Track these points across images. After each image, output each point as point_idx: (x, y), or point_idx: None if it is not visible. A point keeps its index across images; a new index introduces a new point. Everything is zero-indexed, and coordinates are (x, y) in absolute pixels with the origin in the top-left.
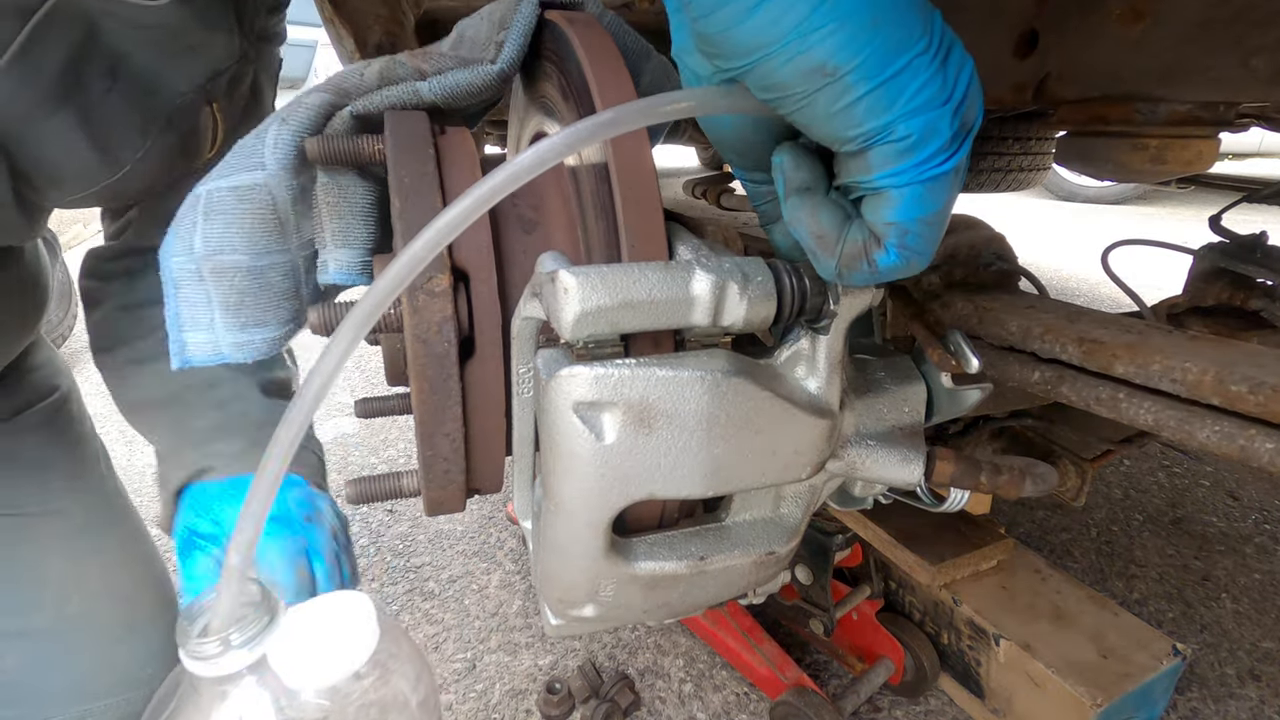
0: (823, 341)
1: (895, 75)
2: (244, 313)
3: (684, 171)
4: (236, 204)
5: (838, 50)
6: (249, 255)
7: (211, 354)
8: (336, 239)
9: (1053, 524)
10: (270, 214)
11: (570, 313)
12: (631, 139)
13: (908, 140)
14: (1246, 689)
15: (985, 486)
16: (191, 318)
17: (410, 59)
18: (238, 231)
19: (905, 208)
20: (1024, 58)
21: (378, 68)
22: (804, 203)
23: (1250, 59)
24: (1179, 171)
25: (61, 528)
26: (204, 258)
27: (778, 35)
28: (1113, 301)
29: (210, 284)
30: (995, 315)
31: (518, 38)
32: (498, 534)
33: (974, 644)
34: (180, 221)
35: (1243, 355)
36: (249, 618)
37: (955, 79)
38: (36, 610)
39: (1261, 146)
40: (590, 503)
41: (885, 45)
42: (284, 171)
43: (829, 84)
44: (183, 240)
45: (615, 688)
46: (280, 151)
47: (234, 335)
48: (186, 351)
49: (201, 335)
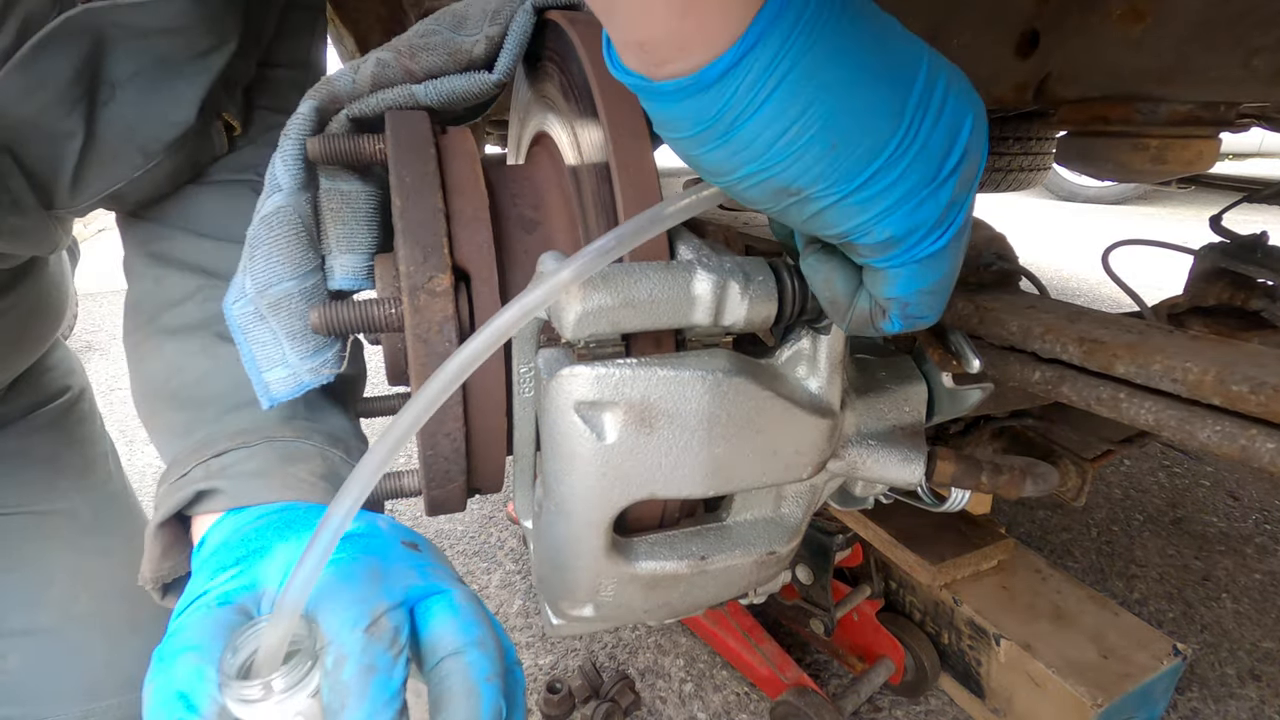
0: (824, 341)
1: (863, 185)
2: (309, 338)
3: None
4: (269, 233)
5: (798, 177)
6: (296, 280)
7: (295, 386)
8: (341, 245)
9: (1053, 524)
10: (301, 232)
11: (572, 312)
12: (632, 139)
13: (887, 237)
14: (1246, 689)
15: (986, 486)
16: (266, 357)
17: (398, 60)
18: (280, 260)
19: (902, 285)
20: (1025, 57)
21: (369, 71)
22: (819, 265)
23: (1251, 59)
24: (1179, 171)
25: (69, 527)
26: (258, 295)
27: (738, 165)
28: (1113, 301)
29: (271, 320)
30: (996, 315)
31: (514, 47)
32: (498, 534)
33: (974, 644)
34: (236, 275)
35: (1243, 355)
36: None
37: (948, 147)
38: (42, 609)
39: (1261, 146)
40: (591, 502)
41: (848, 162)
42: (299, 187)
43: (795, 201)
44: (235, 286)
45: (616, 687)
46: (291, 168)
47: (308, 361)
48: (271, 391)
49: (280, 372)
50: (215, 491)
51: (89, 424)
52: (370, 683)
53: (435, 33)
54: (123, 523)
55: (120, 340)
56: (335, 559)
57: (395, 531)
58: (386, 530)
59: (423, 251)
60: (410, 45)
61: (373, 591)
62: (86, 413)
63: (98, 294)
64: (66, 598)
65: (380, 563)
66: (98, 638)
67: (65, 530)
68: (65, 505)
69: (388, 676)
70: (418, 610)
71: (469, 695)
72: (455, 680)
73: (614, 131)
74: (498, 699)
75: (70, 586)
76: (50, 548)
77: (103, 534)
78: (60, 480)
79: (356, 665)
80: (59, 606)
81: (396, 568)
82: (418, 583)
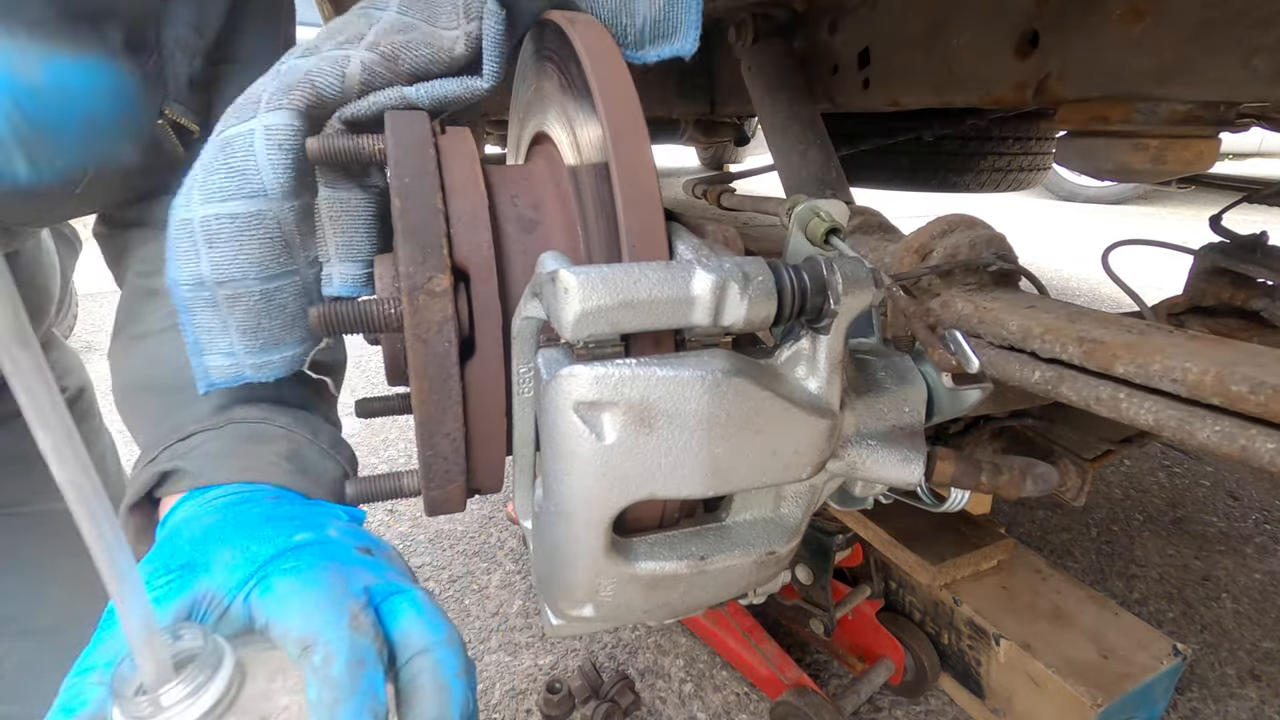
0: (823, 341)
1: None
2: (261, 335)
3: (684, 171)
4: (239, 233)
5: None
6: (259, 280)
7: (234, 376)
8: (340, 253)
9: (1053, 524)
10: (277, 238)
11: (571, 312)
12: (632, 139)
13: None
14: (1246, 689)
15: (986, 486)
16: (210, 342)
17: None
18: (246, 259)
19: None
20: (1025, 57)
21: (357, 73)
22: None
23: (1251, 58)
24: (1179, 171)
25: (67, 526)
26: (216, 284)
27: None
28: (1113, 301)
29: (224, 309)
30: (995, 315)
31: (494, 53)
32: (498, 534)
33: (974, 644)
34: (177, 248)
35: (1243, 355)
36: (192, 669)
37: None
38: (41, 609)
39: (1261, 146)
40: (590, 503)
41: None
42: (286, 195)
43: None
44: (188, 267)
45: (615, 688)
46: (281, 176)
47: (254, 357)
48: (210, 375)
49: (222, 359)
50: (179, 471)
51: (87, 423)
52: (360, 677)
53: (413, 27)
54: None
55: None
56: (294, 566)
57: (348, 537)
58: (337, 537)
59: (422, 251)
60: (392, 45)
61: (343, 591)
62: (85, 411)
63: (98, 294)
64: (66, 598)
65: (339, 565)
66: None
67: (63, 530)
68: (63, 505)
69: (374, 671)
70: (382, 610)
71: (440, 691)
72: (426, 677)
73: (614, 131)
74: (467, 694)
75: (70, 587)
76: (49, 548)
77: None
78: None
79: (345, 661)
80: (59, 607)
81: (355, 570)
82: (377, 582)
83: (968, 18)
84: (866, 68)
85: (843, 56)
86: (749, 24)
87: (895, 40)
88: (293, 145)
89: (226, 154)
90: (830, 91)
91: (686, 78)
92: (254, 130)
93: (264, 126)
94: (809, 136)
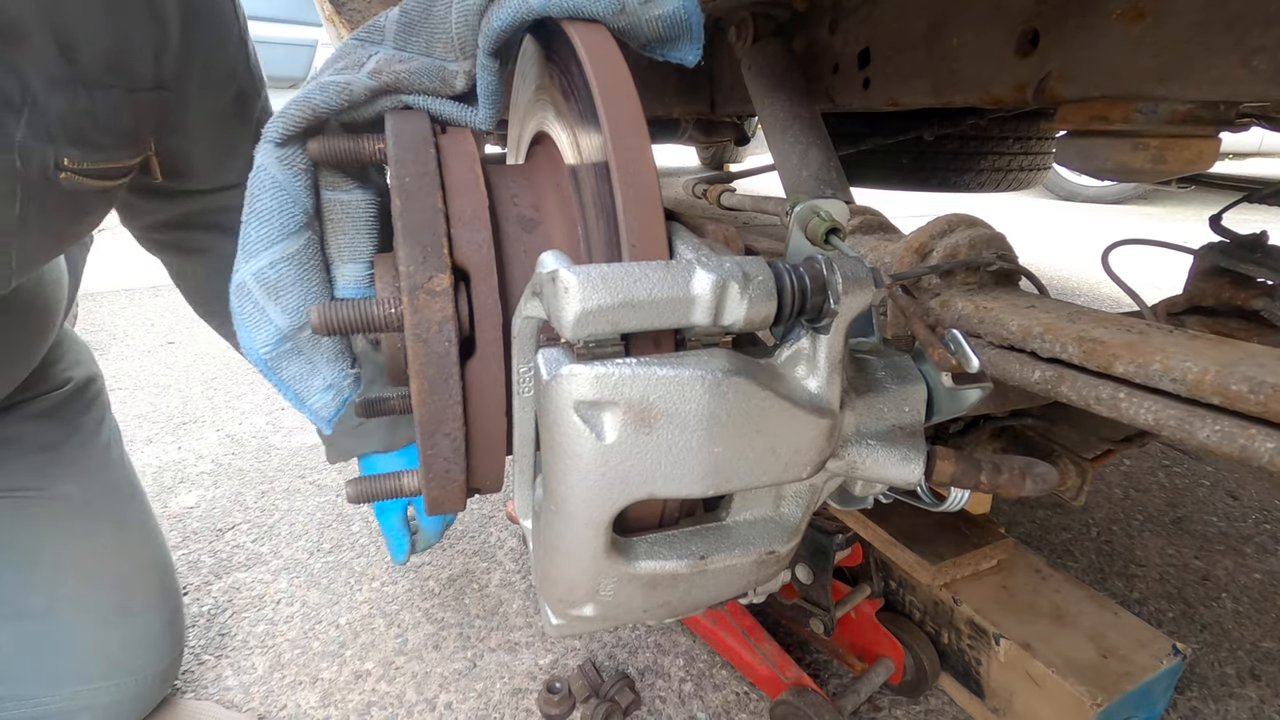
0: (823, 341)
1: None
2: (345, 355)
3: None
4: (300, 274)
5: None
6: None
7: (339, 403)
8: (344, 254)
9: (1053, 523)
10: (321, 265)
11: (571, 312)
12: (632, 139)
13: None
14: (1246, 689)
15: (985, 486)
16: (305, 389)
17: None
18: (315, 296)
19: None
20: (1024, 57)
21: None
22: None
23: (1251, 58)
24: (1179, 171)
25: (58, 511)
26: (295, 331)
27: None
28: (1113, 301)
29: (309, 352)
30: (995, 315)
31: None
32: (498, 533)
33: (974, 643)
34: (240, 316)
35: (1243, 355)
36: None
37: None
38: (30, 591)
39: (1261, 146)
40: (591, 502)
41: None
42: (306, 225)
43: None
44: (260, 330)
45: (615, 687)
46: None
47: (346, 377)
48: (320, 416)
49: (321, 397)
50: None
51: (90, 413)
52: None
53: (412, 59)
54: (117, 510)
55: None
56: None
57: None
58: None
59: (422, 251)
60: (395, 75)
61: None
62: (90, 403)
63: (98, 294)
64: (53, 580)
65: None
66: (86, 620)
67: (54, 515)
68: (57, 491)
69: None
70: None
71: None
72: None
73: (614, 131)
74: None
75: (55, 569)
76: (39, 532)
77: (91, 519)
78: (52, 467)
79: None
80: (46, 589)
81: None
82: None
83: (968, 17)
84: (866, 67)
85: (843, 56)
86: (749, 23)
87: (895, 40)
88: (306, 165)
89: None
90: (830, 91)
91: (686, 77)
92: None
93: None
94: (809, 136)
